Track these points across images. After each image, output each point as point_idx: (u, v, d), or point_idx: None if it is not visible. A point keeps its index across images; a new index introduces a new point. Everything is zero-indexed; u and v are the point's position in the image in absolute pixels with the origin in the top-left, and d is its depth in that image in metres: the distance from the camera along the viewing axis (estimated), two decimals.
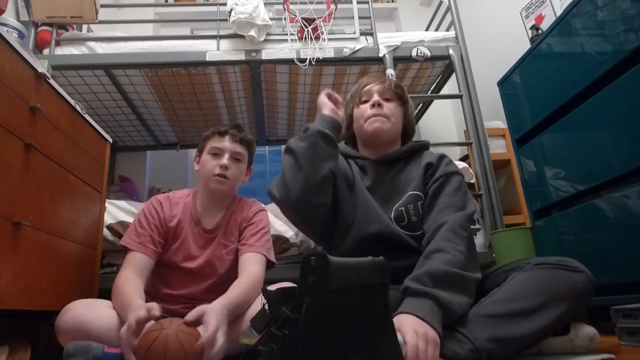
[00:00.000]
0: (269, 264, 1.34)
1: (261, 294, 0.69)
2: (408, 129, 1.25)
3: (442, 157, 1.17)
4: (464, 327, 0.80)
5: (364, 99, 1.22)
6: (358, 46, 2.27)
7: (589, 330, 0.93)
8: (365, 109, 1.19)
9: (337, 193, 1.15)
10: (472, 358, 0.75)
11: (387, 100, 1.19)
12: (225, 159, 1.33)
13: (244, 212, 1.41)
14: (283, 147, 3.88)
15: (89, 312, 1.08)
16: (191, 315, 0.95)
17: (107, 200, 1.76)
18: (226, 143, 1.35)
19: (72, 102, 1.45)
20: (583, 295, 0.87)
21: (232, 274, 1.33)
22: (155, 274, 1.29)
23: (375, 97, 1.18)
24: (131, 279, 1.18)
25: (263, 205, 1.49)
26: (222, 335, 0.94)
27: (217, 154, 1.35)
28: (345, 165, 1.22)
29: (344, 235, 1.13)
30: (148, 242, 1.28)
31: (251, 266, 1.26)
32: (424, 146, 1.24)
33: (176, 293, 1.30)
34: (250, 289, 1.17)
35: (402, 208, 1.10)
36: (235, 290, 1.14)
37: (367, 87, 1.21)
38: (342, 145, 1.28)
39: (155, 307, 0.96)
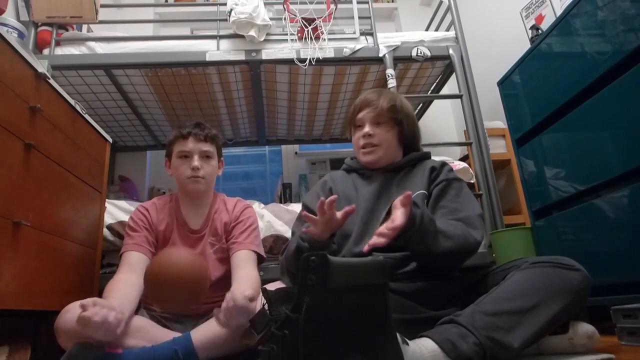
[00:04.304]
0: (260, 259, 1.37)
1: (261, 294, 0.69)
2: (408, 139, 1.26)
3: (444, 164, 1.21)
4: (467, 321, 0.80)
5: (357, 125, 1.25)
6: (358, 46, 2.27)
7: (587, 328, 0.94)
8: (359, 137, 1.23)
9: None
10: (476, 352, 0.75)
11: (378, 125, 1.21)
12: (195, 161, 1.35)
13: (230, 211, 1.43)
14: (283, 147, 3.84)
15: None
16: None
17: (107, 200, 1.76)
18: (191, 144, 1.36)
19: (72, 102, 1.45)
20: (580, 293, 0.88)
21: (224, 273, 1.35)
22: None
23: (366, 128, 1.20)
24: (121, 281, 1.18)
25: (248, 202, 1.51)
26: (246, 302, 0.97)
27: (185, 156, 1.37)
28: (346, 181, 1.26)
29: (341, 244, 1.15)
30: (143, 242, 1.30)
31: (245, 267, 1.27)
32: (427, 155, 1.28)
33: None
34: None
35: None
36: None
37: (360, 115, 1.23)
38: (347, 160, 1.33)
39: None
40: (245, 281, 1.20)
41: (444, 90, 2.84)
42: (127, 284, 1.17)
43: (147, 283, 1.00)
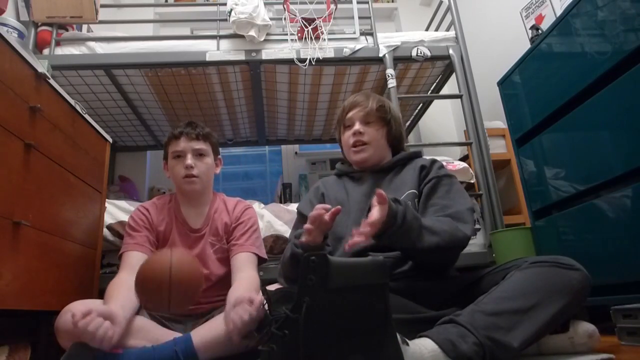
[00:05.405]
0: (261, 260, 1.37)
1: (261, 294, 0.69)
2: (395, 141, 1.29)
3: (434, 161, 1.22)
4: (467, 321, 0.80)
5: (347, 125, 1.27)
6: (358, 46, 2.27)
7: (588, 327, 0.94)
8: (349, 136, 1.25)
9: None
10: (476, 352, 0.75)
11: (368, 124, 1.24)
12: (188, 159, 1.35)
13: (230, 212, 1.43)
14: (283, 147, 3.84)
15: None
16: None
17: (107, 200, 1.76)
18: (184, 144, 1.36)
19: (72, 102, 1.45)
20: (579, 292, 0.88)
21: (225, 273, 1.35)
22: None
23: (356, 126, 1.23)
24: (123, 282, 1.18)
25: (248, 202, 1.51)
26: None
27: (179, 156, 1.37)
28: (338, 185, 1.28)
29: (335, 247, 1.16)
30: (144, 242, 1.30)
31: (246, 269, 1.28)
32: (417, 154, 1.29)
33: None
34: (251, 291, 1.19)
35: None
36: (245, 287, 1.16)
37: (350, 114, 1.26)
38: (338, 165, 1.35)
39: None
40: (242, 284, 1.21)
41: (444, 90, 2.84)
42: (128, 284, 1.17)
43: (135, 288, 0.99)
